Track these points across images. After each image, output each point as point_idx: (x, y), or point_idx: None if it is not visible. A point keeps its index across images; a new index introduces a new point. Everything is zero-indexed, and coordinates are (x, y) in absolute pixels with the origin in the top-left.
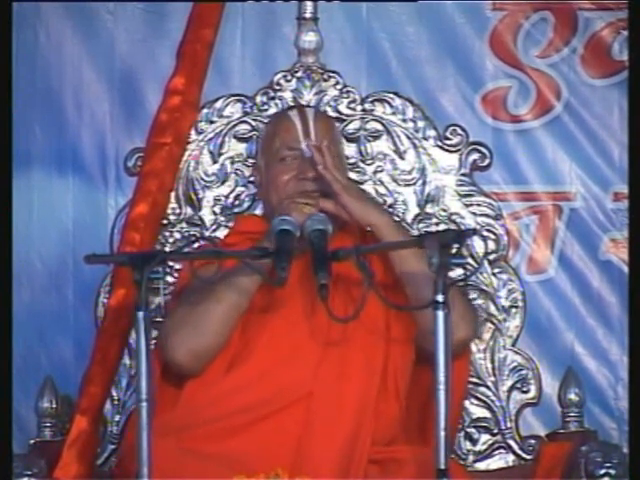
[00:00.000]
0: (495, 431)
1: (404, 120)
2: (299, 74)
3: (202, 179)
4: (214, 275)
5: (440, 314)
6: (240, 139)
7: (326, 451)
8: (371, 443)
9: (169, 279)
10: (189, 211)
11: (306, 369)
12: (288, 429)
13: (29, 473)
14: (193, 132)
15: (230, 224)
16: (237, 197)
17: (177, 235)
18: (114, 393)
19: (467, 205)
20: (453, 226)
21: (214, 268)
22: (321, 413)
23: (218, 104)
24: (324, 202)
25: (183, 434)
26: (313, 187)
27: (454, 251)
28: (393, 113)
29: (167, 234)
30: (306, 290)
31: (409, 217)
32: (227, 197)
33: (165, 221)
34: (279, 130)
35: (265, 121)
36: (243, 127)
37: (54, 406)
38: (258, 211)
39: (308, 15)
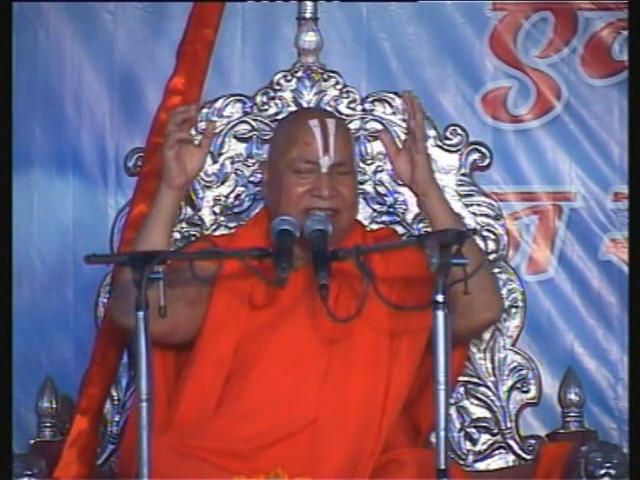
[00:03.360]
0: (495, 431)
1: (404, 120)
2: (299, 74)
3: (202, 179)
4: (212, 275)
5: (440, 314)
6: (240, 139)
7: (330, 470)
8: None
9: None
10: (189, 211)
11: (309, 394)
12: (292, 455)
13: (29, 473)
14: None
15: (230, 224)
16: (237, 197)
17: (177, 235)
18: (114, 393)
19: (467, 205)
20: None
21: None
22: (325, 437)
23: (218, 104)
24: (393, 146)
25: (182, 440)
26: (326, 205)
27: (454, 251)
28: (393, 113)
29: None
30: (309, 301)
31: (409, 217)
32: (227, 197)
33: None
34: (297, 140)
35: (265, 121)
36: (243, 127)
37: (54, 406)
38: (258, 211)
39: (308, 15)
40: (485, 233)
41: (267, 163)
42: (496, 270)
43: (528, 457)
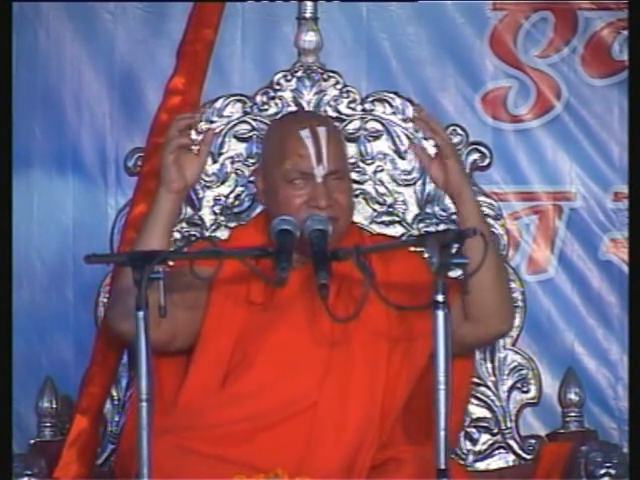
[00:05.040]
0: (495, 431)
1: (404, 120)
2: (299, 74)
3: (202, 179)
4: (211, 275)
5: (440, 314)
6: (240, 139)
7: (329, 459)
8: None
9: None
10: (189, 211)
11: (310, 380)
12: (291, 439)
13: (29, 473)
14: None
15: (230, 224)
16: (237, 197)
17: (177, 235)
18: (114, 393)
19: None
20: (453, 226)
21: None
22: (325, 423)
23: (218, 104)
24: (425, 156)
25: (182, 434)
26: (324, 215)
27: (454, 251)
28: (393, 113)
29: None
30: (308, 299)
31: (409, 217)
32: (227, 197)
33: None
34: (290, 152)
35: (265, 121)
36: (243, 127)
37: (54, 406)
38: (258, 211)
39: (308, 15)
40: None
41: (260, 171)
42: None
43: (528, 457)
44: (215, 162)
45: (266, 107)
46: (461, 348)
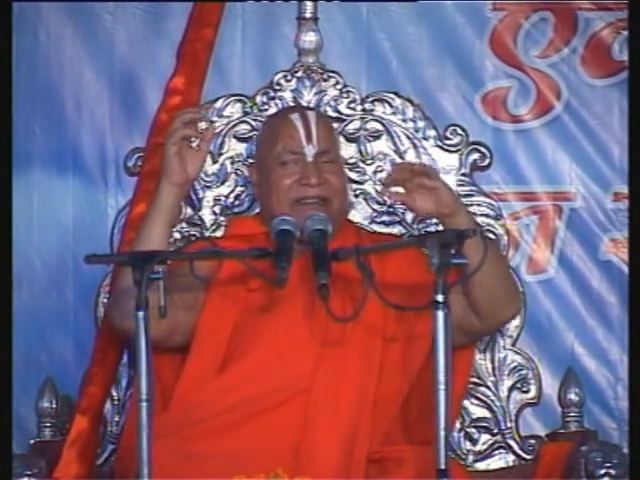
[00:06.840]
0: (495, 431)
1: (404, 120)
2: (299, 74)
3: (202, 179)
4: (211, 274)
5: (440, 314)
6: (240, 139)
7: (325, 449)
8: (370, 442)
9: None
10: (189, 211)
11: (304, 366)
12: (285, 425)
13: (29, 473)
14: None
15: None
16: (237, 197)
17: (177, 235)
18: (114, 393)
19: (467, 205)
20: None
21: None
22: (319, 410)
23: (218, 104)
24: (403, 195)
25: (179, 435)
26: (315, 193)
27: (454, 251)
28: (393, 113)
29: None
30: (305, 290)
31: (409, 217)
32: (227, 197)
33: None
34: (281, 134)
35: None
36: (243, 127)
37: (54, 406)
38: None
39: (308, 15)
40: (485, 233)
41: (255, 164)
42: None
43: (528, 457)
44: (215, 162)
45: (266, 107)
46: (468, 337)
